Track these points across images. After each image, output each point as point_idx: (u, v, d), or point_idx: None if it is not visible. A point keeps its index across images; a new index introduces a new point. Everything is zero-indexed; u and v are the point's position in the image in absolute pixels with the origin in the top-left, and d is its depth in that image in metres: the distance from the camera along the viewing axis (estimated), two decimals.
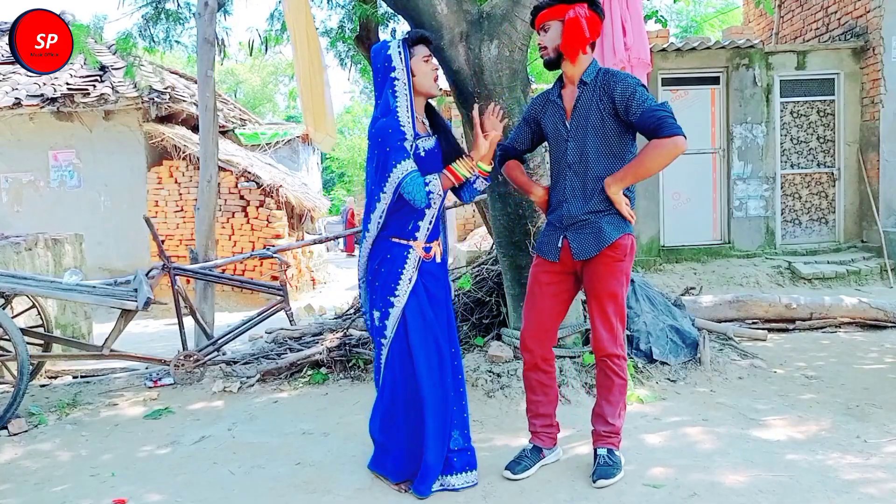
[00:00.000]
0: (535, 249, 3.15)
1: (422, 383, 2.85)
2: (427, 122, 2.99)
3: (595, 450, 3.00)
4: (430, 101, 3.01)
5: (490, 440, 3.48)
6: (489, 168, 2.96)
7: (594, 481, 2.89)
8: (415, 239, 2.87)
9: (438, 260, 2.97)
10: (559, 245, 2.96)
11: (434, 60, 2.93)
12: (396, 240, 2.87)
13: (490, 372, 4.22)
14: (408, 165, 2.74)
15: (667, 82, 8.68)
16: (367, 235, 2.90)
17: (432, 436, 2.84)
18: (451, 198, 3.35)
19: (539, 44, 3.01)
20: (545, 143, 3.20)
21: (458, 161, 2.90)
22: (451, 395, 2.92)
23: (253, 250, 8.44)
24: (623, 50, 4.43)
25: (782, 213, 8.97)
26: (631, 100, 2.79)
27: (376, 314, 2.91)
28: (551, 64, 2.98)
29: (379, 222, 2.85)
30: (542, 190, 3.12)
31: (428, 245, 2.91)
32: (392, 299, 2.85)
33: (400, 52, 2.80)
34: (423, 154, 2.85)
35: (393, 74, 2.80)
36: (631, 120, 2.81)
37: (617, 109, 2.83)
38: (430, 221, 2.89)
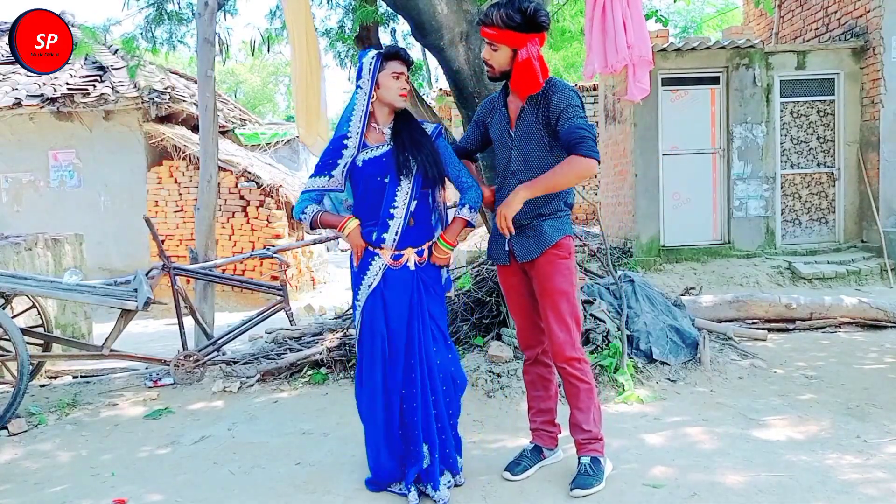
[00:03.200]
0: (487, 256, 3.17)
1: (357, 391, 2.96)
2: (387, 132, 2.95)
3: (578, 458, 2.97)
4: (407, 107, 3.02)
5: (490, 440, 3.48)
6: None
7: (570, 490, 2.86)
8: (380, 247, 2.88)
9: (412, 267, 2.91)
10: (507, 248, 2.98)
11: (404, 78, 2.90)
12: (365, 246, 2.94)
13: (490, 372, 4.22)
14: (311, 183, 2.95)
15: (667, 82, 8.68)
16: None
17: (370, 446, 2.93)
18: (450, 198, 3.35)
19: (484, 58, 2.92)
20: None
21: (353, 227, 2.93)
22: (402, 406, 2.88)
23: (253, 250, 8.44)
24: (625, 48, 4.41)
25: (782, 213, 8.96)
26: (563, 112, 2.78)
27: (353, 314, 3.05)
28: (492, 79, 2.96)
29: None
30: (488, 191, 3.11)
31: (398, 252, 2.89)
32: (356, 302, 2.96)
33: (371, 63, 2.87)
34: (360, 164, 2.90)
35: (359, 83, 2.90)
36: (557, 130, 2.80)
37: (550, 118, 2.83)
38: (397, 232, 2.87)
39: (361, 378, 2.93)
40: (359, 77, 2.91)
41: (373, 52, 2.92)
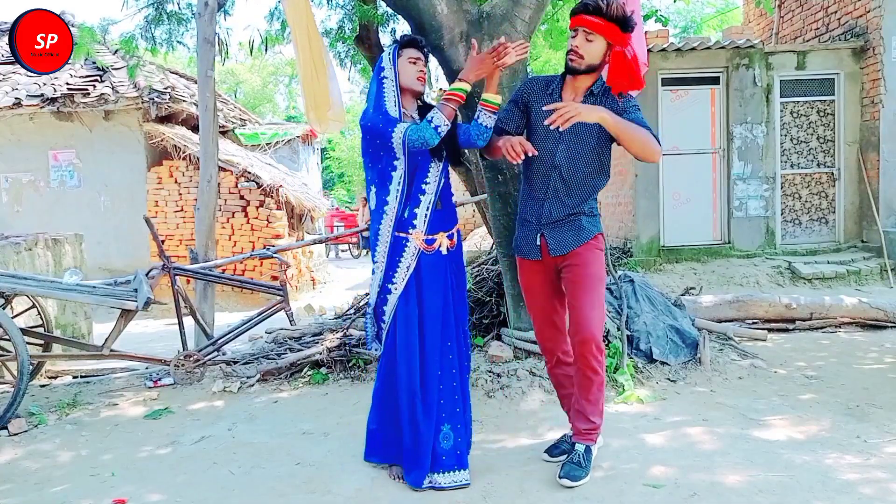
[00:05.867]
0: (514, 250, 3.17)
1: (399, 371, 2.96)
2: (416, 116, 3.06)
3: (573, 444, 3.03)
4: (423, 98, 3.14)
5: (490, 440, 3.48)
6: (496, 100, 2.96)
7: (559, 478, 2.91)
8: (413, 228, 2.94)
9: (444, 252, 3.01)
10: (538, 243, 3.00)
11: (421, 63, 3.05)
12: (397, 233, 2.97)
13: (490, 372, 4.21)
14: (403, 125, 2.87)
15: (667, 82, 8.68)
16: (387, 209, 2.94)
17: (406, 423, 2.94)
18: (454, 199, 3.37)
19: (573, 47, 2.85)
20: None
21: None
22: (439, 387, 2.98)
23: (253, 250, 8.44)
24: None
25: (782, 213, 8.97)
26: (629, 109, 2.89)
27: (379, 298, 3.04)
28: (573, 71, 2.91)
29: (398, 193, 2.91)
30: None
31: (431, 237, 2.97)
32: (390, 286, 2.98)
33: (390, 55, 3.01)
34: None
35: (383, 74, 2.99)
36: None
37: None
38: (427, 209, 2.95)
39: (396, 365, 2.95)
40: (380, 71, 3.00)
41: (389, 47, 3.08)
